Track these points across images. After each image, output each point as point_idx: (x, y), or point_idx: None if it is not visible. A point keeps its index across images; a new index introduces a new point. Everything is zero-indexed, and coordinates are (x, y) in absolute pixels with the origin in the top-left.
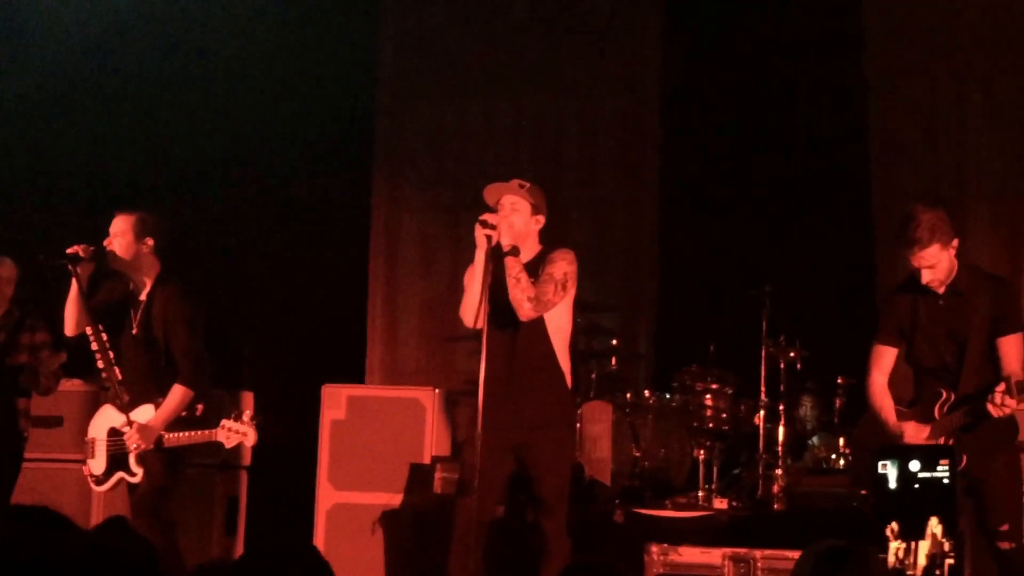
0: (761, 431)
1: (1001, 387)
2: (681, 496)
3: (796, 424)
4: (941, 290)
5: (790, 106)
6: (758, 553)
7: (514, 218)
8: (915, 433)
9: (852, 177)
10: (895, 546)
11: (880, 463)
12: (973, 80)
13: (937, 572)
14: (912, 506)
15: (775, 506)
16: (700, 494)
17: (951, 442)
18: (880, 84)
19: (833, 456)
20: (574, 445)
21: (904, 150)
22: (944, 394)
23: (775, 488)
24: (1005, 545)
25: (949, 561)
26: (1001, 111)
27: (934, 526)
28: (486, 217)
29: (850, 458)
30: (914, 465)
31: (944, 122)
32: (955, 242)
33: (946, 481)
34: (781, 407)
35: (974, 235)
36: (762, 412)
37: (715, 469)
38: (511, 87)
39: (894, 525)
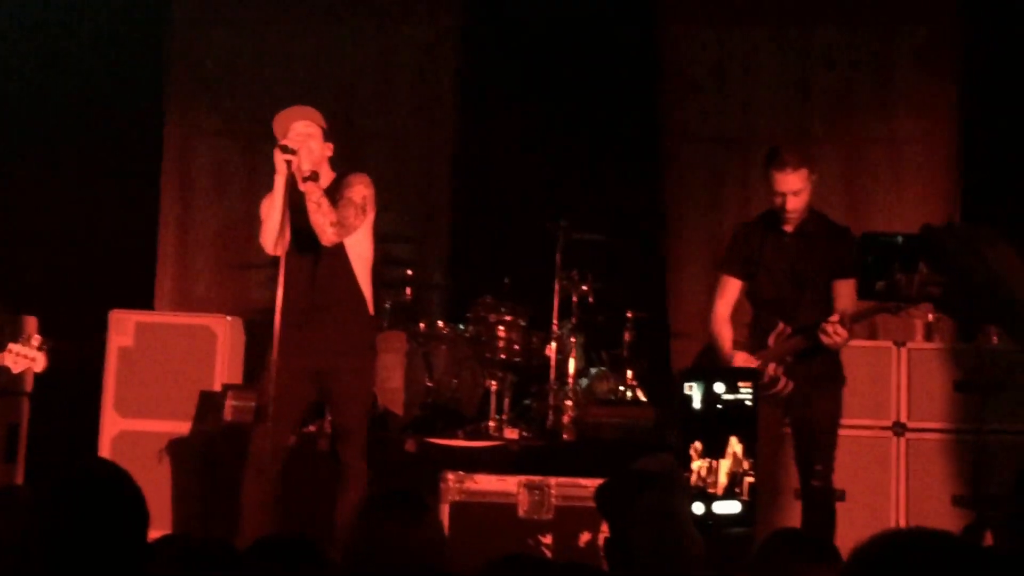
0: (552, 363)
1: (835, 318)
2: (472, 426)
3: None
4: (790, 228)
5: (586, 43)
6: (552, 481)
7: (311, 143)
8: (744, 362)
9: (644, 115)
10: (698, 465)
11: (686, 384)
12: (761, 23)
13: (736, 490)
14: (715, 426)
15: (564, 436)
16: (491, 424)
17: (780, 370)
18: (671, 25)
19: (621, 388)
20: (375, 372)
21: (694, 91)
22: (780, 326)
23: (565, 419)
24: (816, 483)
25: (749, 479)
26: (788, 54)
27: (735, 445)
28: (286, 142)
29: (636, 390)
30: (718, 387)
31: (733, 64)
32: (816, 177)
33: (748, 403)
34: (572, 340)
35: (758, 176)
36: (553, 344)
37: (506, 400)
38: (309, 15)
39: (697, 444)
